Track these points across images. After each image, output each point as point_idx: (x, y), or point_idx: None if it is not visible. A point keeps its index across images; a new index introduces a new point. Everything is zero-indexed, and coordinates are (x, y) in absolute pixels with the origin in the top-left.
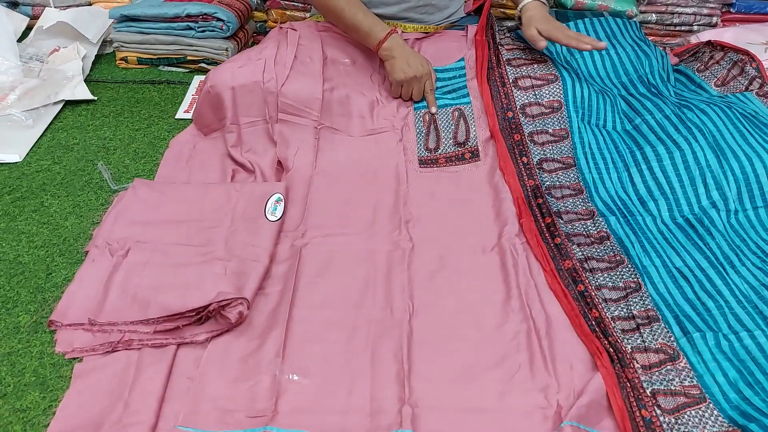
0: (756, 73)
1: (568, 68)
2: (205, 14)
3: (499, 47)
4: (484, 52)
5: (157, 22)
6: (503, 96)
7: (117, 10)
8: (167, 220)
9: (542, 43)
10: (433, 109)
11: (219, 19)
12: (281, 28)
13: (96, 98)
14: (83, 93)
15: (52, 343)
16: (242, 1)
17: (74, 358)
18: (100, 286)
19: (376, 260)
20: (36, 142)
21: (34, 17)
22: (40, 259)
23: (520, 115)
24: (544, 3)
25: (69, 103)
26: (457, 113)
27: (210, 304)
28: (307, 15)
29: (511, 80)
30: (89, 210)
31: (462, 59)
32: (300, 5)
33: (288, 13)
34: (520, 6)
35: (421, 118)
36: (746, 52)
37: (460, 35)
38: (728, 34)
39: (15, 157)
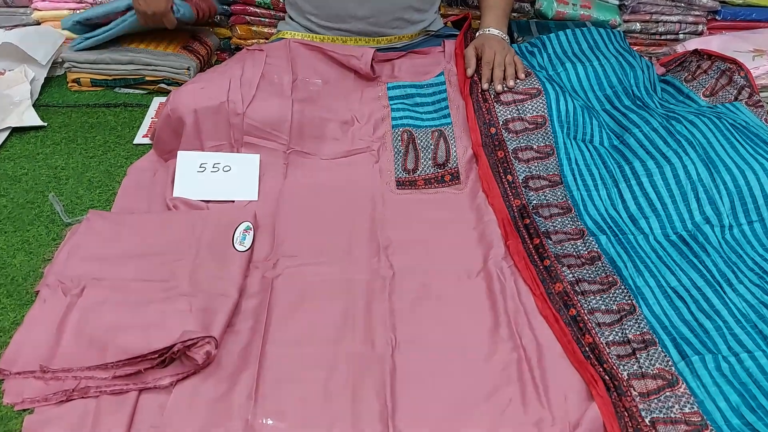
0: (745, 82)
1: (551, 82)
2: None
3: (480, 61)
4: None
5: (111, 26)
6: (485, 111)
7: (69, 19)
8: (126, 255)
9: (469, 71)
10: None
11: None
12: (248, 49)
13: (46, 124)
14: (32, 119)
15: None
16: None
17: (24, 410)
18: (53, 329)
19: (354, 291)
20: None
21: None
22: None
23: (504, 131)
24: (501, 38)
25: (16, 131)
26: (437, 134)
27: (174, 345)
28: (275, 30)
29: (492, 95)
30: (39, 246)
31: (441, 73)
32: (266, 20)
33: (254, 28)
34: (479, 32)
35: (399, 137)
36: (734, 61)
37: (438, 51)
38: (715, 43)
39: None
